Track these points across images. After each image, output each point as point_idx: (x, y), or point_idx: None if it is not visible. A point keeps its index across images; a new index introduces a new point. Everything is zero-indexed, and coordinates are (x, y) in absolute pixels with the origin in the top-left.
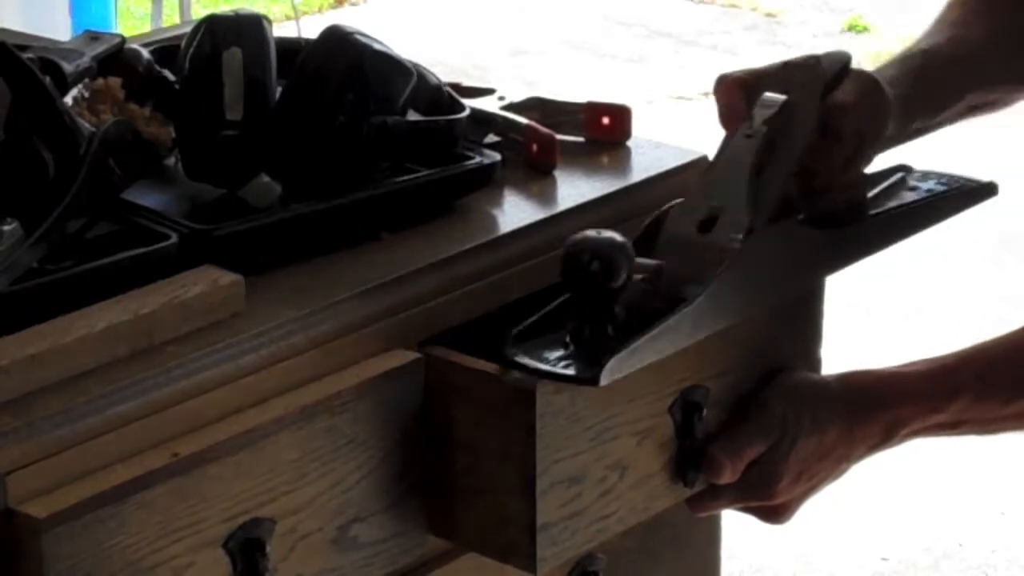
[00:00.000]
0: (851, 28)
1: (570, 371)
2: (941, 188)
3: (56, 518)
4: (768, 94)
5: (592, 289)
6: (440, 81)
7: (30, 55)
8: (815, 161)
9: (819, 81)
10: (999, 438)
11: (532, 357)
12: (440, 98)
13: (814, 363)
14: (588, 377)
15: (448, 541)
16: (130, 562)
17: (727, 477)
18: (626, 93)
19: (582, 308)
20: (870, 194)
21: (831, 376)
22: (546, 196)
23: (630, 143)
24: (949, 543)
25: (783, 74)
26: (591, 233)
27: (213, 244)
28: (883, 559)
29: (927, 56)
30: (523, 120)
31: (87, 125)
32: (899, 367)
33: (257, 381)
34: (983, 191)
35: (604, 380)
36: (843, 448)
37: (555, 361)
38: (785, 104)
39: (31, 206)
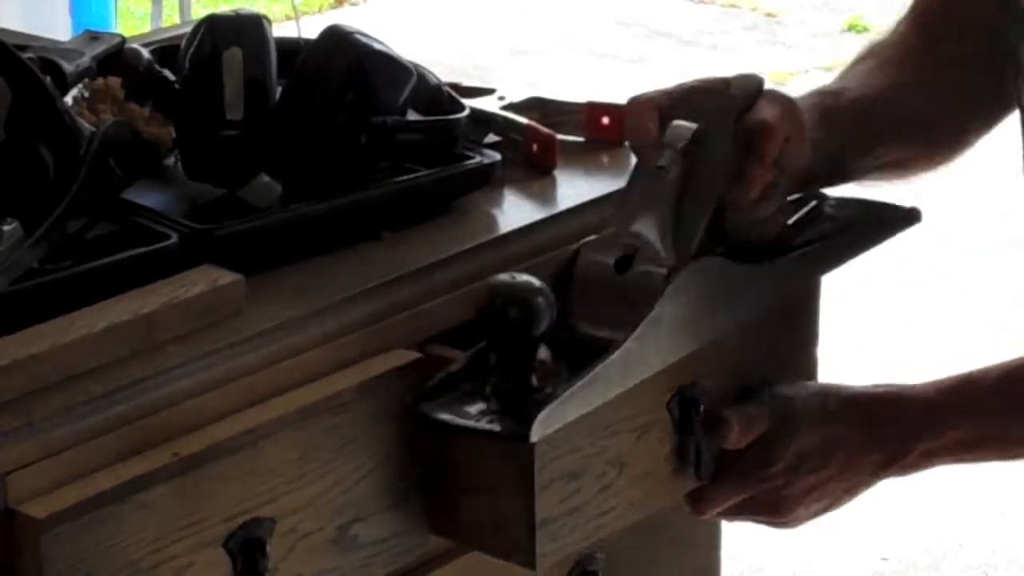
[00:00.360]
0: (851, 28)
1: (495, 427)
2: (860, 216)
3: (56, 518)
4: (678, 122)
5: (513, 338)
6: (440, 81)
7: (30, 55)
8: (733, 190)
9: (731, 107)
10: None
11: (452, 412)
12: (440, 98)
13: (812, 360)
14: (519, 434)
15: (448, 540)
16: (130, 562)
17: (734, 437)
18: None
19: (503, 359)
20: (788, 222)
21: (844, 383)
22: (546, 196)
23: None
24: (949, 543)
25: (694, 99)
26: (505, 278)
27: (213, 244)
28: (883, 559)
29: (839, 99)
30: (523, 120)
31: (87, 125)
32: (917, 384)
33: (257, 381)
34: (905, 219)
35: (535, 436)
36: (848, 450)
37: (477, 416)
38: (697, 132)
39: (31, 206)
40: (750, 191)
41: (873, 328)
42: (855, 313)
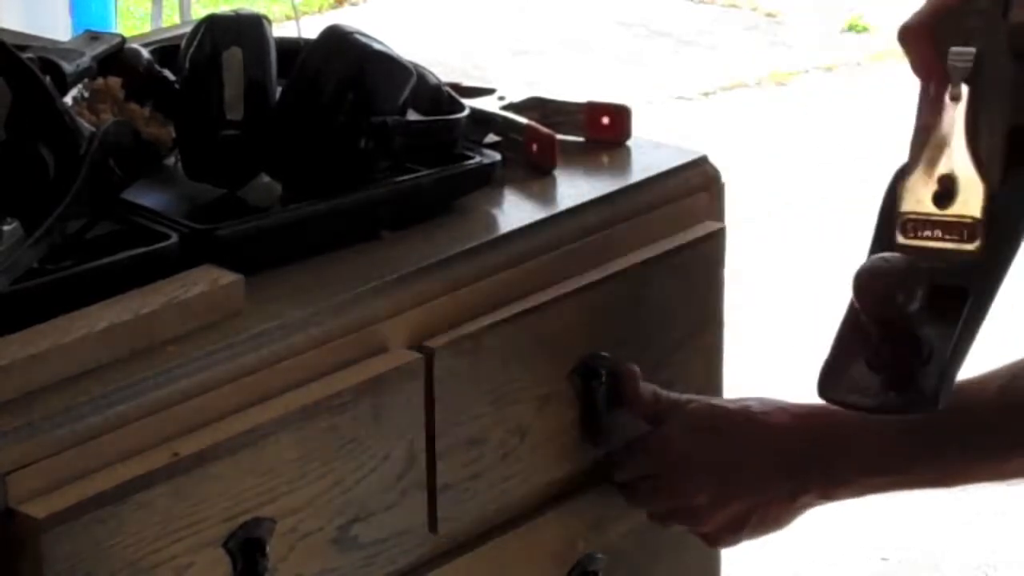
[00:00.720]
0: (851, 28)
1: (903, 400)
2: None
3: (56, 518)
4: (956, 48)
5: (897, 319)
6: (440, 81)
7: (30, 55)
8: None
9: (997, 16)
10: None
11: (853, 392)
12: (440, 98)
13: (718, 326)
14: (929, 399)
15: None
16: (130, 562)
17: (633, 379)
18: (626, 93)
19: (890, 335)
20: None
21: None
22: (546, 196)
23: (630, 143)
24: (949, 543)
25: (960, 18)
26: (882, 263)
27: (213, 244)
28: (883, 559)
29: None
30: (523, 120)
31: (87, 125)
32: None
33: (257, 381)
34: None
35: (944, 397)
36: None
37: (878, 392)
38: (978, 56)
39: (31, 206)
40: None
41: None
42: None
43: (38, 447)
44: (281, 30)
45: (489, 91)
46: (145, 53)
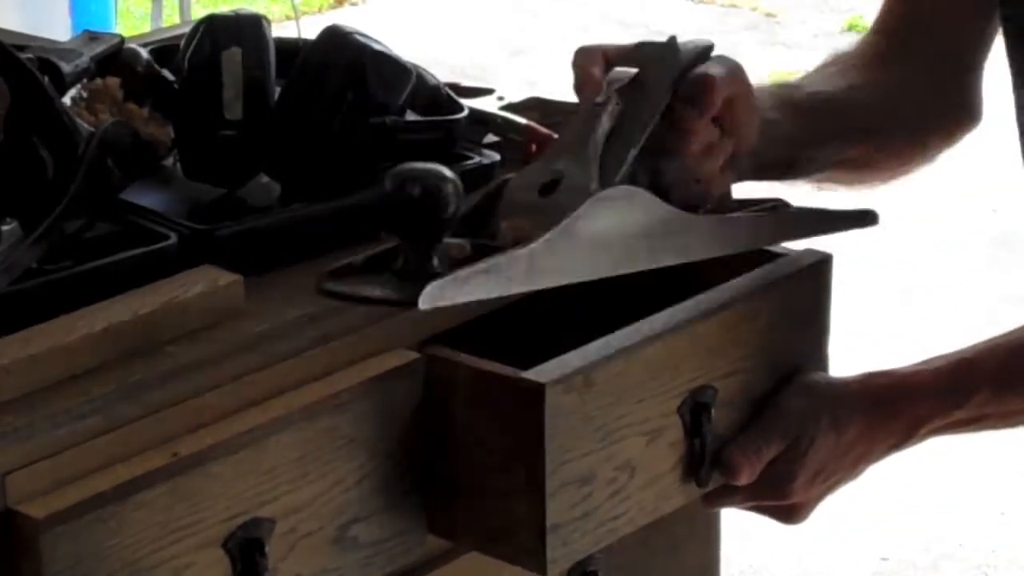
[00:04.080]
0: (851, 28)
1: (388, 294)
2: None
3: (56, 518)
4: (620, 68)
5: (414, 216)
6: (439, 81)
7: (29, 55)
8: (673, 139)
9: (675, 57)
10: (998, 436)
11: (351, 287)
12: (439, 98)
13: (822, 361)
14: (406, 299)
15: (450, 541)
16: (130, 562)
17: (744, 478)
18: None
19: (405, 238)
20: (739, 213)
21: (849, 376)
22: None
23: None
24: (949, 543)
25: (641, 52)
26: (415, 164)
27: (213, 244)
28: (883, 559)
29: (797, 91)
30: (522, 120)
31: (86, 125)
32: (917, 365)
33: (257, 381)
34: (859, 218)
35: (424, 304)
36: (862, 447)
37: (373, 289)
38: (636, 76)
39: (30, 206)
40: (688, 141)
41: (867, 326)
42: (852, 314)
43: (38, 447)
44: (281, 30)
45: (489, 91)
46: (144, 53)
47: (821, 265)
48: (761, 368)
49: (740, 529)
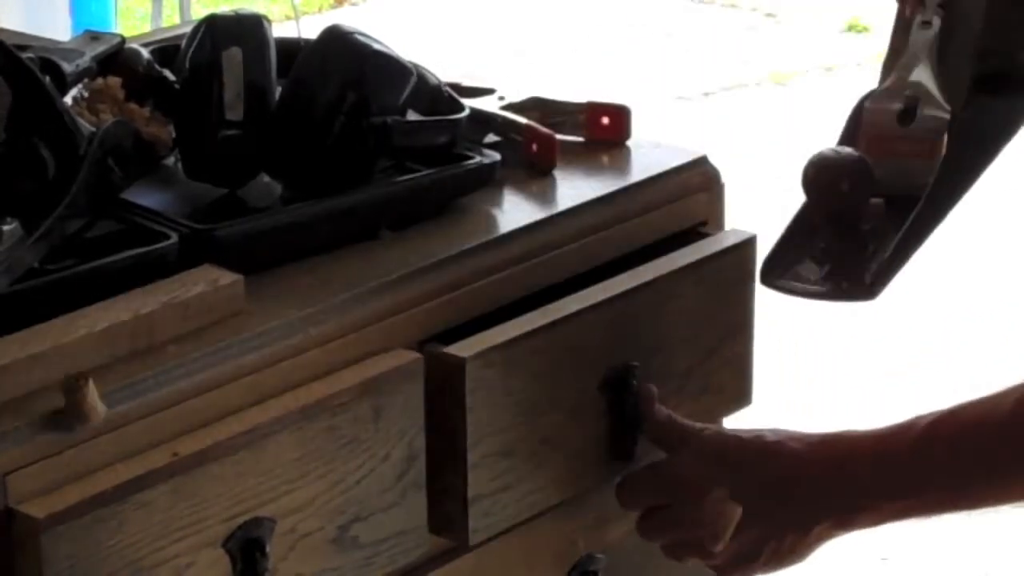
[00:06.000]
0: (851, 28)
1: (840, 290)
2: None
3: (56, 518)
4: None
5: (844, 208)
6: (440, 81)
7: (30, 55)
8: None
9: None
10: None
11: (794, 280)
12: (440, 98)
13: (748, 338)
14: (865, 289)
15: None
16: (130, 562)
17: (658, 414)
18: (626, 93)
19: (836, 227)
20: None
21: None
22: (546, 196)
23: (630, 143)
24: (949, 543)
25: None
26: (831, 153)
27: (213, 244)
28: (883, 559)
29: None
30: (523, 120)
31: (87, 125)
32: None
33: (257, 381)
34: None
35: (878, 291)
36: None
37: (818, 281)
38: None
39: (31, 206)
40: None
41: (867, 326)
42: (851, 314)
43: (38, 447)
44: (281, 30)
45: (489, 91)
46: (145, 53)
47: (744, 245)
48: (683, 345)
49: None
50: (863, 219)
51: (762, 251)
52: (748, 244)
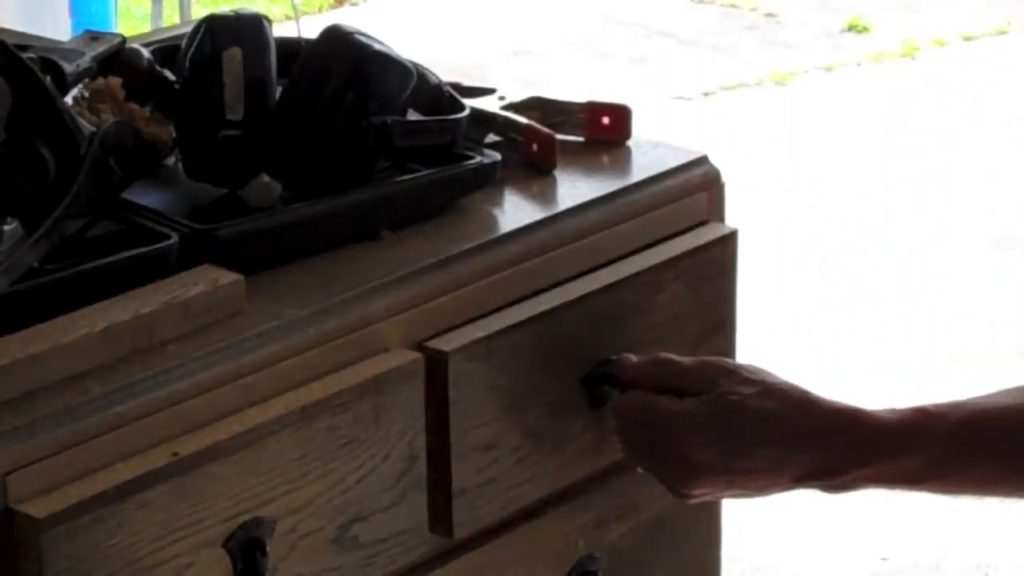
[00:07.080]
0: (851, 28)
1: None
2: None
3: (56, 518)
4: None
5: None
6: (440, 81)
7: (30, 55)
8: None
9: None
10: None
11: None
12: (440, 98)
13: (731, 332)
14: None
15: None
16: (130, 562)
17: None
18: (626, 93)
19: None
20: None
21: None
22: (546, 196)
23: (630, 143)
24: (949, 543)
25: None
26: None
27: (214, 244)
28: (883, 559)
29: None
30: (523, 120)
31: (87, 125)
32: (866, 409)
33: (257, 381)
34: None
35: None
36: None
37: None
38: None
39: (31, 206)
40: None
41: (867, 326)
42: (851, 314)
43: (38, 447)
44: (281, 30)
45: (489, 91)
46: (145, 53)
47: (726, 240)
48: (666, 340)
49: (741, 528)
50: None
51: (757, 249)
52: (730, 238)
